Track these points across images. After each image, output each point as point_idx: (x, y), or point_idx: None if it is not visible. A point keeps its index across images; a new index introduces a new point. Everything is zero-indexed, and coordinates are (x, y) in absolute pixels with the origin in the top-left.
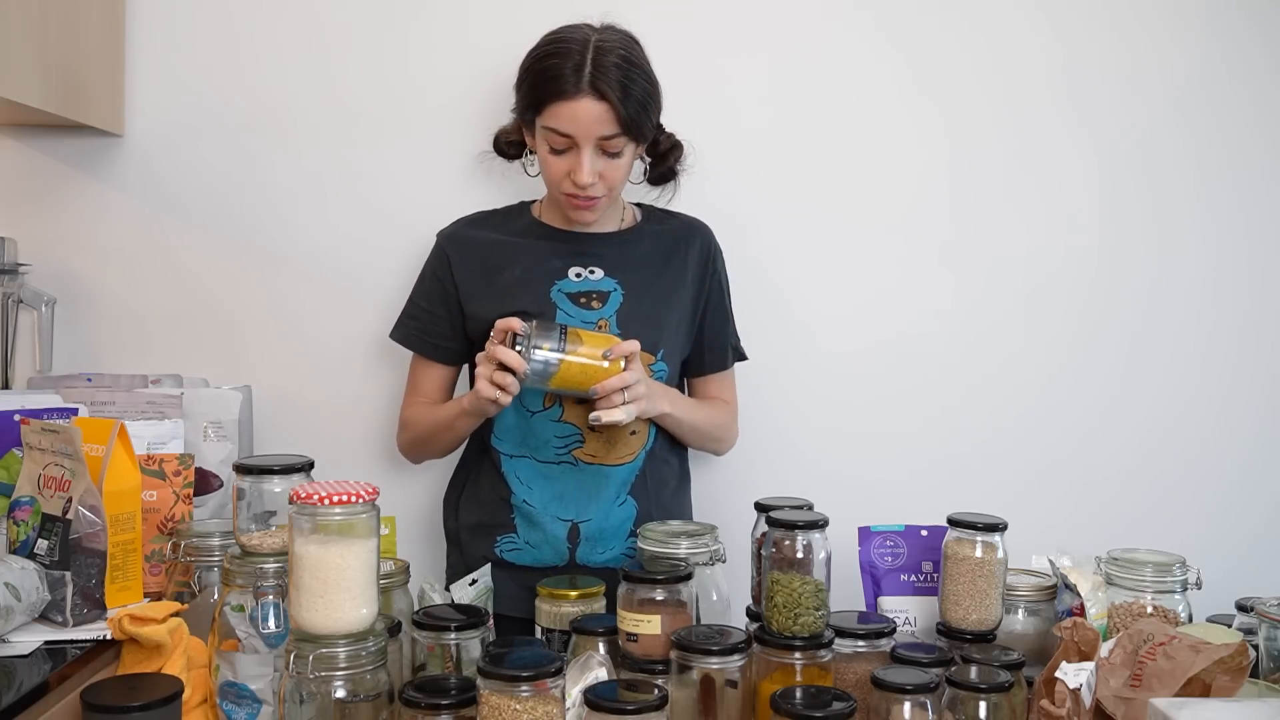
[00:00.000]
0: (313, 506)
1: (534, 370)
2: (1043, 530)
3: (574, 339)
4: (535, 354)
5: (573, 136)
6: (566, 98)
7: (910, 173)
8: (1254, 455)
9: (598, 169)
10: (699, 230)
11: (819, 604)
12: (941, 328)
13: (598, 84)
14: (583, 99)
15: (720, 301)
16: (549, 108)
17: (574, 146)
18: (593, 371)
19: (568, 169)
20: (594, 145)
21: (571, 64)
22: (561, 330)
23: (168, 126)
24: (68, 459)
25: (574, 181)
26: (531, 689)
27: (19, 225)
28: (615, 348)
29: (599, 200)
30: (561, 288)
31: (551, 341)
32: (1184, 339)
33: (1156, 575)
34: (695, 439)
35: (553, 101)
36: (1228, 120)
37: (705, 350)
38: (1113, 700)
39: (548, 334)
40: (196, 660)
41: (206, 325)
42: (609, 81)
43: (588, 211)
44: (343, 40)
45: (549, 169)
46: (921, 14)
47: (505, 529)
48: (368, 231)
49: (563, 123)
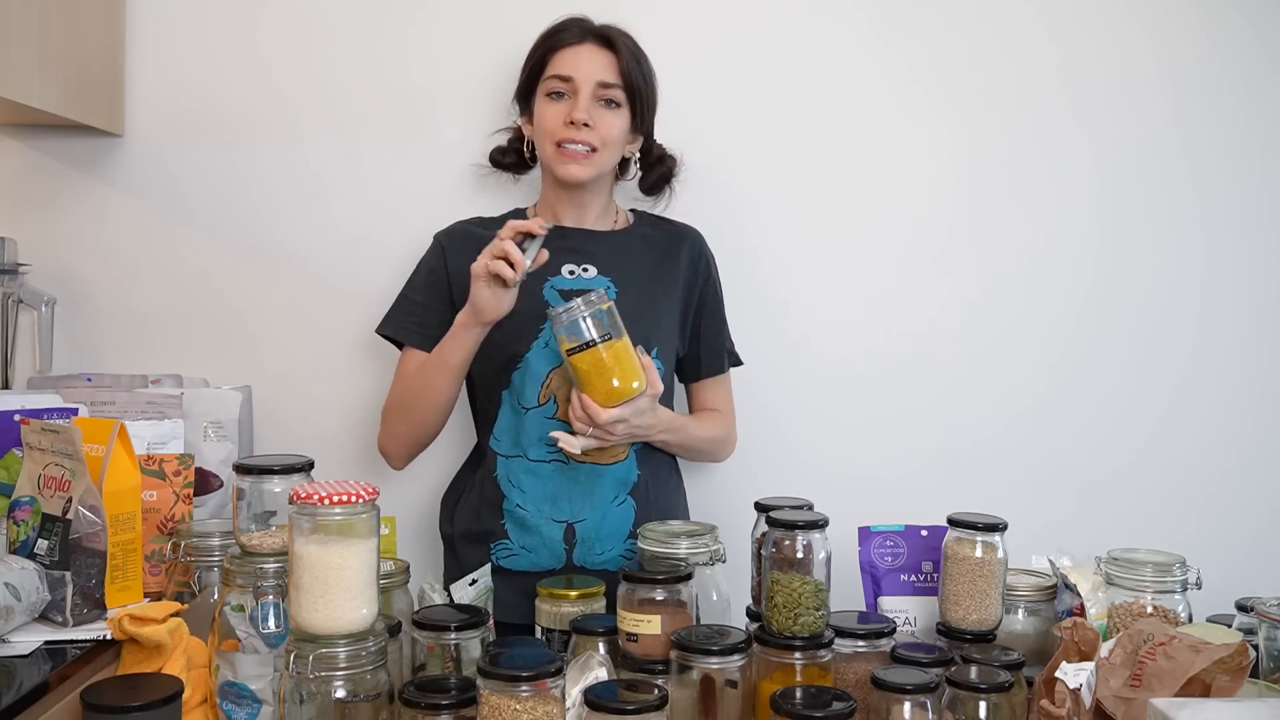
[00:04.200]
0: (313, 506)
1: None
2: (1042, 530)
3: (610, 341)
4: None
5: (573, 79)
6: (570, 44)
7: (908, 174)
8: (1254, 455)
9: (594, 115)
10: (690, 235)
11: (819, 604)
12: (941, 329)
13: (603, 34)
14: (586, 44)
15: (715, 306)
16: (553, 57)
17: (573, 93)
18: (598, 380)
19: (564, 114)
20: (592, 89)
21: (578, 25)
22: (610, 317)
23: (168, 126)
24: (68, 459)
25: (570, 121)
26: (531, 689)
27: (19, 225)
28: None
29: (592, 155)
30: (554, 284)
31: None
32: (1184, 339)
33: (1156, 575)
34: (691, 456)
35: (557, 50)
36: (1227, 121)
37: (701, 355)
38: (1113, 700)
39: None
40: (196, 660)
41: (207, 325)
42: (611, 33)
43: (578, 164)
44: (344, 40)
45: (544, 119)
46: (919, 17)
47: (497, 536)
48: (368, 231)
49: (564, 66)
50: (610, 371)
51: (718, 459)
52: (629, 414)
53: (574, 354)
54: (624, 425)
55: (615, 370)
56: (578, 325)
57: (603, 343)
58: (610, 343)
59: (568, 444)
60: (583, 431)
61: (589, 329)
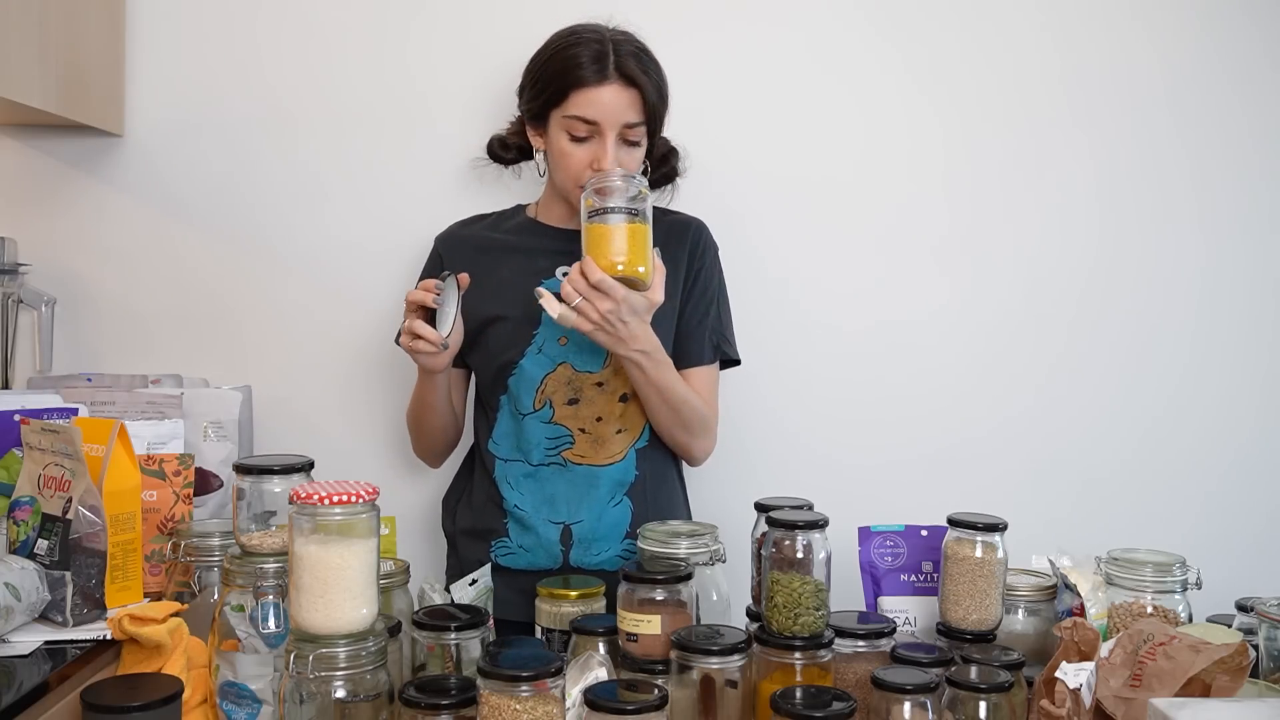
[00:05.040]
0: (313, 506)
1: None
2: (1042, 530)
3: (634, 220)
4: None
5: (598, 123)
6: (593, 84)
7: (909, 171)
8: (1254, 455)
9: (619, 159)
10: (691, 226)
11: (819, 604)
12: (940, 327)
13: (624, 69)
14: (609, 84)
15: (702, 292)
16: (574, 95)
17: (597, 135)
18: (606, 248)
19: (589, 159)
20: (618, 134)
21: (593, 52)
22: (642, 201)
23: (168, 126)
24: (68, 459)
25: (596, 168)
26: (531, 689)
27: (19, 225)
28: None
29: None
30: (549, 287)
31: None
32: (1183, 337)
33: (1156, 575)
34: (664, 413)
35: (578, 88)
36: (1226, 119)
37: (682, 339)
38: (1113, 700)
39: (631, 183)
40: (196, 660)
41: (206, 325)
42: (633, 69)
43: None
44: (343, 41)
45: (568, 161)
46: (920, 12)
47: (499, 533)
48: (368, 232)
49: (589, 109)
50: (622, 247)
51: (691, 444)
52: (620, 296)
53: (594, 218)
54: (610, 305)
55: (628, 248)
56: (608, 190)
57: (626, 218)
58: (633, 222)
59: (549, 303)
60: (569, 297)
61: (618, 199)
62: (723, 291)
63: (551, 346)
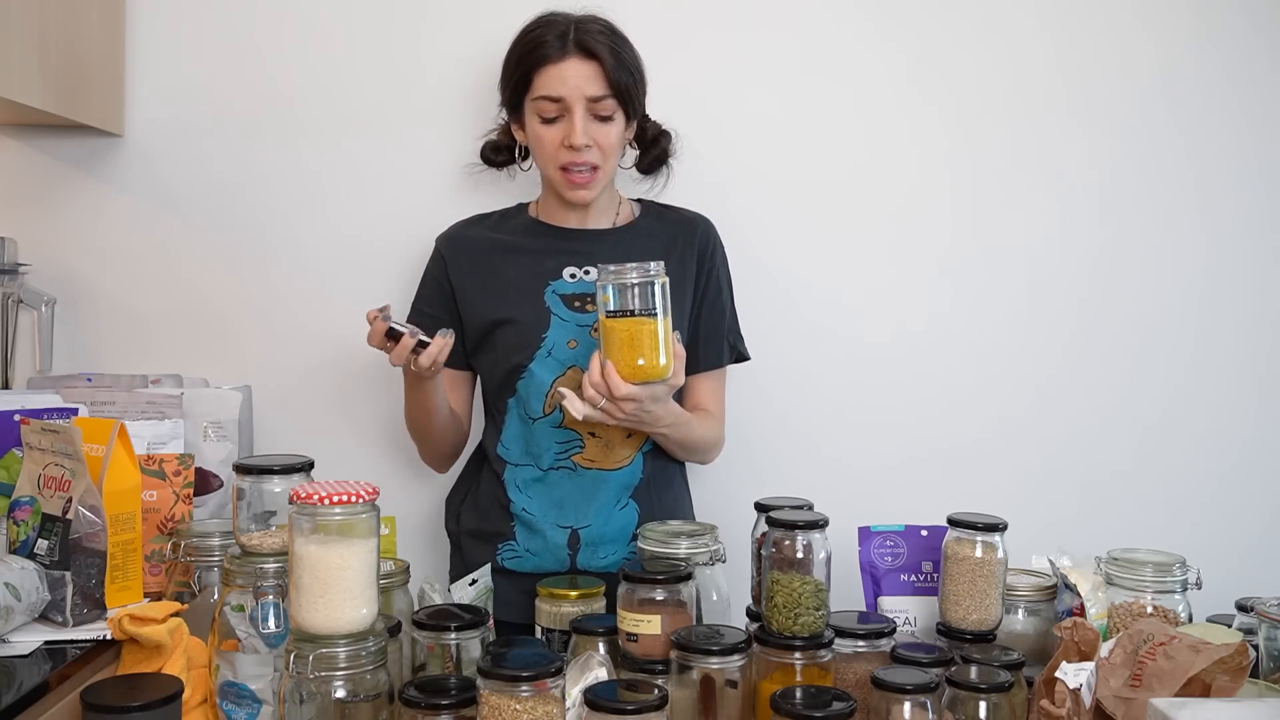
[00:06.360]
0: (313, 506)
1: (608, 279)
2: (1042, 530)
3: (652, 316)
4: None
5: (563, 99)
6: (553, 61)
7: (911, 172)
8: (1254, 455)
9: (591, 133)
10: (698, 224)
11: (819, 604)
12: (942, 328)
13: (583, 43)
14: (569, 59)
15: (716, 296)
16: (537, 75)
17: (565, 112)
18: (627, 351)
19: (561, 137)
20: (584, 106)
21: (556, 32)
22: (660, 294)
23: (168, 126)
24: (68, 459)
25: (569, 145)
26: (531, 689)
27: (19, 225)
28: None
29: (596, 173)
30: (556, 289)
31: (640, 284)
32: (1184, 338)
33: (1156, 575)
34: (682, 455)
35: (540, 67)
36: (1227, 120)
37: (699, 345)
38: (1113, 700)
39: (646, 276)
40: (196, 660)
41: (206, 325)
42: (595, 42)
43: (584, 188)
44: (343, 41)
45: (542, 144)
46: (921, 12)
47: (505, 537)
48: (368, 231)
49: (552, 86)
50: (642, 347)
51: (705, 462)
52: (644, 396)
53: (612, 318)
54: (635, 406)
55: (647, 347)
56: (626, 290)
57: (644, 315)
58: (652, 318)
59: (572, 406)
60: (593, 401)
61: (635, 297)
62: (731, 290)
63: (561, 350)
